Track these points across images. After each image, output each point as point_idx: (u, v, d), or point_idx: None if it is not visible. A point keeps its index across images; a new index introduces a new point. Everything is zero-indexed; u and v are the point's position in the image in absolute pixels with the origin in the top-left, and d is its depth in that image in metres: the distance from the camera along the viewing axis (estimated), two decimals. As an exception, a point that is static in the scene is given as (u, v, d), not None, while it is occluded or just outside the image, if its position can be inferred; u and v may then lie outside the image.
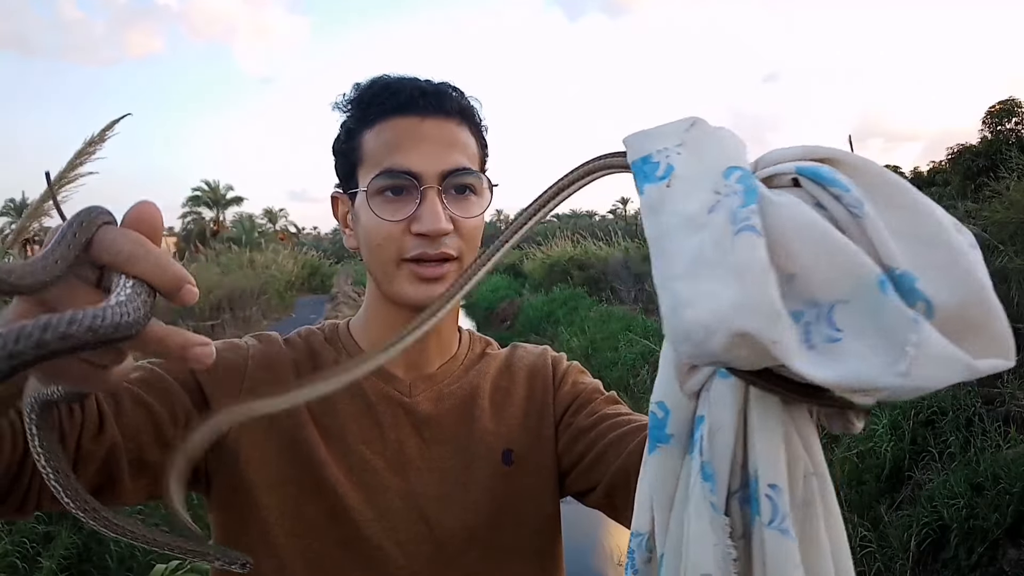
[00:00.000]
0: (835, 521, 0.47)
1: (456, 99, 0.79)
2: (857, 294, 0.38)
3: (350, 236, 0.82)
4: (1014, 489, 3.17)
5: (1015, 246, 4.49)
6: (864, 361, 0.37)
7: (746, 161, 0.43)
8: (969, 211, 5.66)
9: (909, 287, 0.38)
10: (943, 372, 0.36)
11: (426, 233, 0.73)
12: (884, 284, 0.37)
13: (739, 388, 0.47)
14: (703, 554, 0.46)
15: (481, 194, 0.79)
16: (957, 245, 0.38)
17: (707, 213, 0.40)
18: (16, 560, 2.92)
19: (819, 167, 0.41)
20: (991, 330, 0.38)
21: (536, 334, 12.12)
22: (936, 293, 0.37)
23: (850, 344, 0.38)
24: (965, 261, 0.38)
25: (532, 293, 17.01)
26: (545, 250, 19.42)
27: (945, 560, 3.28)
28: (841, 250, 0.38)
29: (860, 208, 0.39)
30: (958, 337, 0.37)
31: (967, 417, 3.97)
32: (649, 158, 0.44)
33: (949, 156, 8.75)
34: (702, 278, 0.39)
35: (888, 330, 0.37)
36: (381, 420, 0.79)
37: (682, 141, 0.44)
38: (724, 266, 0.38)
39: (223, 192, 40.75)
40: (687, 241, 0.40)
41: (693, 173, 0.42)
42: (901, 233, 0.39)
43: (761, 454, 0.45)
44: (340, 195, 0.82)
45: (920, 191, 0.42)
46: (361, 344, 0.83)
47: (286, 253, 24.17)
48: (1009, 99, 8.63)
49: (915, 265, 0.38)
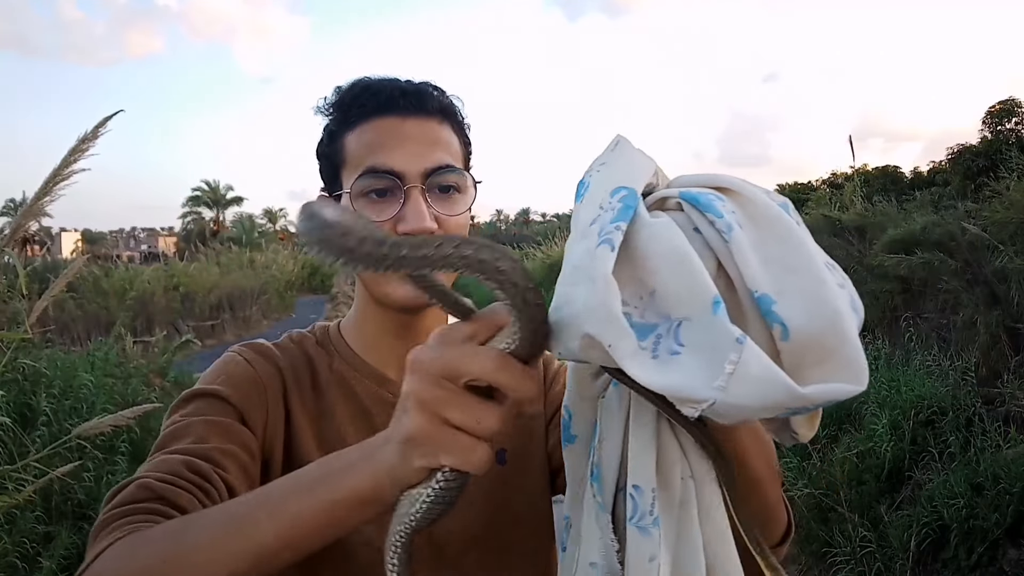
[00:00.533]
0: (713, 521, 0.51)
1: (437, 98, 0.79)
2: (697, 313, 0.41)
3: None
4: (1014, 489, 3.17)
5: (1015, 246, 4.48)
6: (690, 374, 0.40)
7: (642, 182, 0.46)
8: (969, 211, 5.65)
9: (767, 309, 0.41)
10: (762, 390, 0.38)
11: (411, 232, 0.73)
12: (717, 305, 0.40)
13: (624, 396, 0.51)
14: (591, 545, 0.53)
15: (465, 191, 0.79)
16: (821, 276, 0.41)
17: (589, 225, 0.44)
18: (16, 560, 2.92)
19: (699, 194, 0.45)
20: (845, 356, 0.40)
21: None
22: (792, 317, 0.40)
23: (686, 358, 0.41)
24: (826, 291, 0.41)
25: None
26: (545, 250, 19.41)
27: (945, 560, 3.28)
28: (690, 272, 0.41)
29: (729, 233, 0.43)
30: (816, 361, 0.40)
31: (967, 417, 3.97)
32: (583, 180, 0.49)
33: (949, 156, 8.74)
34: (574, 283, 0.43)
35: (715, 347, 0.39)
36: (376, 424, 0.78)
37: (604, 161, 0.49)
38: (585, 274, 0.42)
39: (223, 192, 40.78)
40: (575, 248, 0.45)
41: (596, 189, 0.47)
42: (773, 260, 0.42)
43: (631, 456, 0.50)
44: (326, 198, 0.82)
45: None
46: (354, 347, 0.83)
47: (286, 253, 24.15)
48: (1009, 99, 8.62)
49: (777, 290, 0.41)
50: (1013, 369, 4.18)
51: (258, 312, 16.92)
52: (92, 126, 1.88)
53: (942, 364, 4.62)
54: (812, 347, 0.40)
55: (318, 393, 0.79)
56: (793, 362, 0.41)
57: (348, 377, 0.81)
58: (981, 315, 4.49)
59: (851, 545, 3.55)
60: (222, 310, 15.36)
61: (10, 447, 3.27)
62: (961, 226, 5.00)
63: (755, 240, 0.43)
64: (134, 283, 11.63)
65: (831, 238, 6.90)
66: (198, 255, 17.92)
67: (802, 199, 10.30)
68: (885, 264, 5.53)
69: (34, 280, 5.35)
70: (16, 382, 3.78)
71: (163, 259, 23.97)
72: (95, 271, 12.43)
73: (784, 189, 16.89)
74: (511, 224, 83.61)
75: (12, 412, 3.47)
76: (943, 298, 5.20)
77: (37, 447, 3.24)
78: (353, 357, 0.82)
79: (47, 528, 3.25)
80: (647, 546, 0.48)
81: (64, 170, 1.85)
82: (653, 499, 0.49)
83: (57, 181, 1.85)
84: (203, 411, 0.71)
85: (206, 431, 0.68)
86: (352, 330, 0.84)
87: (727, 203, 0.44)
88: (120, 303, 10.13)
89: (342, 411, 0.78)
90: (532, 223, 75.41)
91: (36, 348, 4.54)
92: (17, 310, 2.96)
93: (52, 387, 4.00)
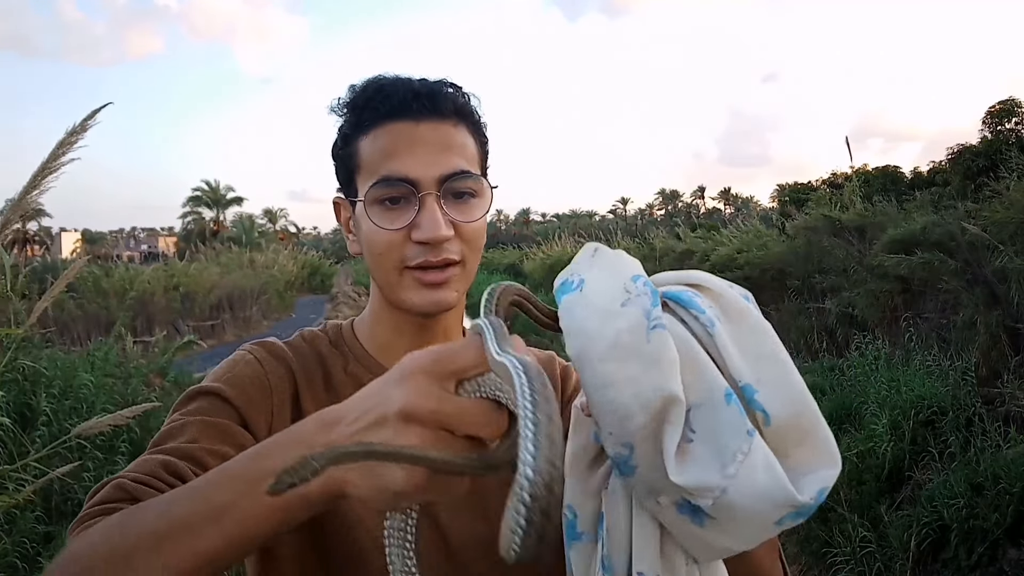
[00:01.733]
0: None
1: (452, 98, 0.77)
2: (708, 400, 0.45)
3: (353, 242, 0.81)
4: (1014, 489, 3.16)
5: (1015, 246, 4.48)
6: (704, 464, 0.44)
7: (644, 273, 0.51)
8: (969, 211, 5.65)
9: (750, 398, 0.45)
10: (767, 484, 0.43)
11: (427, 241, 0.72)
12: (730, 396, 0.45)
13: (627, 483, 0.52)
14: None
15: (481, 196, 0.78)
16: (789, 363, 0.46)
17: (620, 306, 0.47)
18: (16, 560, 2.92)
19: (681, 292, 0.50)
20: (820, 436, 0.46)
21: (536, 334, 12.07)
22: (771, 404, 0.45)
23: (698, 447, 0.44)
24: (794, 377, 0.46)
25: (532, 293, 16.95)
26: (545, 250, 19.41)
27: (945, 560, 3.28)
28: (700, 361, 0.46)
29: (713, 327, 0.47)
30: (796, 442, 0.45)
31: (967, 417, 3.97)
32: (566, 281, 0.53)
33: (949, 156, 8.73)
34: (622, 362, 0.45)
35: (726, 435, 0.44)
36: None
37: (590, 265, 0.53)
38: (642, 355, 0.45)
39: (223, 192, 40.76)
40: (604, 328, 0.46)
41: (603, 279, 0.51)
42: (748, 350, 0.47)
43: (635, 543, 0.51)
44: (342, 200, 0.81)
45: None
46: (368, 348, 0.82)
47: (286, 253, 24.17)
48: (1009, 99, 8.61)
49: (756, 379, 0.46)
50: (1013, 369, 4.18)
51: (258, 312, 16.93)
52: (94, 125, 1.87)
53: (942, 364, 4.62)
54: (791, 431, 0.45)
55: (331, 395, 0.77)
56: (777, 446, 0.45)
57: (364, 380, 0.80)
58: (981, 315, 4.49)
59: (851, 545, 3.55)
60: (222, 310, 15.36)
61: (10, 447, 3.27)
62: (961, 226, 4.99)
63: (731, 332, 0.48)
64: (134, 283, 11.60)
65: (831, 238, 6.91)
66: (198, 255, 17.93)
67: (802, 199, 10.31)
68: (885, 264, 5.53)
69: (34, 280, 5.35)
70: (16, 382, 3.78)
71: (163, 259, 23.96)
72: (95, 271, 12.42)
73: (784, 189, 16.88)
74: (511, 224, 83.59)
75: (12, 412, 3.48)
76: (943, 298, 5.20)
77: (37, 447, 3.24)
78: (368, 359, 0.81)
79: (47, 528, 3.25)
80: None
81: (52, 163, 1.84)
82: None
83: (46, 175, 1.84)
84: (203, 411, 0.70)
85: (199, 432, 0.68)
86: (366, 331, 0.83)
87: (704, 299, 0.50)
88: (120, 303, 10.11)
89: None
90: (532, 223, 75.41)
91: (36, 348, 4.54)
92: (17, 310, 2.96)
93: (52, 387, 4.00)
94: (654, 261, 11.41)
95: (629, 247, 14.26)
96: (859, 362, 5.31)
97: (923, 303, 5.52)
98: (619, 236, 16.93)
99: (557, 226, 29.34)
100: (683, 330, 0.47)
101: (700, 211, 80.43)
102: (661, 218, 76.73)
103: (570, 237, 20.10)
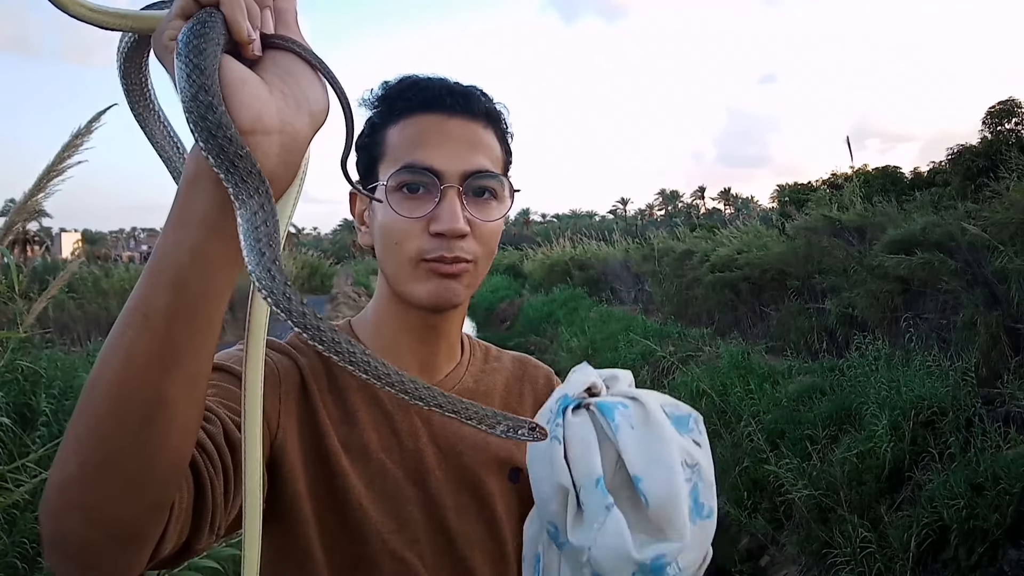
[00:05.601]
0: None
1: (483, 102, 0.78)
2: (587, 484, 0.66)
3: (365, 233, 0.81)
4: (1014, 489, 3.17)
5: (1015, 246, 4.48)
6: (584, 531, 0.65)
7: (579, 391, 0.72)
8: (969, 211, 5.64)
9: (637, 485, 0.65)
10: (616, 545, 0.63)
11: (443, 233, 0.73)
12: (599, 482, 0.65)
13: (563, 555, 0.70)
14: None
15: (502, 199, 0.78)
16: (676, 468, 0.66)
17: (546, 423, 0.69)
18: (16, 560, 2.92)
19: (612, 402, 0.70)
20: (677, 522, 0.65)
21: (536, 334, 12.08)
22: (650, 492, 0.65)
23: (581, 518, 0.66)
24: (675, 478, 0.65)
25: (532, 293, 17.00)
26: (545, 251, 19.41)
27: (945, 560, 3.28)
28: (587, 456, 0.67)
29: (617, 432, 0.67)
30: (666, 523, 0.65)
31: (967, 417, 3.97)
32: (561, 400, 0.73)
33: (949, 156, 8.71)
34: (539, 461, 0.70)
35: (593, 510, 0.65)
36: (399, 429, 0.77)
37: (569, 379, 0.76)
38: (547, 457, 0.68)
39: (223, 192, 40.66)
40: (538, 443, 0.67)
41: (551, 400, 0.73)
42: (647, 452, 0.66)
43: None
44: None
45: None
46: (371, 347, 0.81)
47: (286, 253, 24.13)
48: (1009, 99, 8.59)
49: (644, 473, 0.65)
50: (1013, 369, 4.18)
51: (258, 312, 16.86)
52: (97, 126, 1.88)
53: (942, 364, 4.62)
54: (662, 513, 0.65)
55: (338, 396, 0.77)
56: (654, 525, 0.65)
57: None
58: (981, 315, 4.49)
59: (851, 546, 3.55)
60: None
61: (10, 447, 3.27)
62: (961, 226, 4.99)
63: (642, 436, 0.67)
64: (134, 283, 11.56)
65: (831, 239, 6.91)
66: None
67: (802, 199, 10.30)
68: (885, 264, 5.53)
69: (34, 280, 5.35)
70: (16, 382, 3.78)
71: (163, 259, 23.82)
72: (95, 271, 12.40)
73: (784, 189, 16.88)
74: (511, 224, 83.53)
75: (12, 412, 3.47)
76: (943, 298, 5.20)
77: (37, 447, 3.24)
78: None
79: (47, 528, 3.24)
80: None
81: (58, 166, 1.84)
82: None
83: (51, 177, 1.84)
84: (213, 382, 0.68)
85: (212, 391, 0.66)
86: (368, 329, 0.83)
87: (630, 408, 0.69)
88: (120, 303, 10.01)
89: (365, 416, 0.77)
90: (532, 223, 75.37)
91: (36, 348, 4.54)
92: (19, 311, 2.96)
93: (52, 387, 4.00)
94: (654, 261, 11.41)
95: (629, 248, 14.26)
96: (859, 362, 5.31)
97: (923, 303, 5.51)
98: (619, 236, 16.91)
99: (557, 226, 29.33)
100: (591, 431, 0.68)
101: (700, 211, 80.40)
102: (661, 218, 76.79)
103: (570, 237, 20.09)
